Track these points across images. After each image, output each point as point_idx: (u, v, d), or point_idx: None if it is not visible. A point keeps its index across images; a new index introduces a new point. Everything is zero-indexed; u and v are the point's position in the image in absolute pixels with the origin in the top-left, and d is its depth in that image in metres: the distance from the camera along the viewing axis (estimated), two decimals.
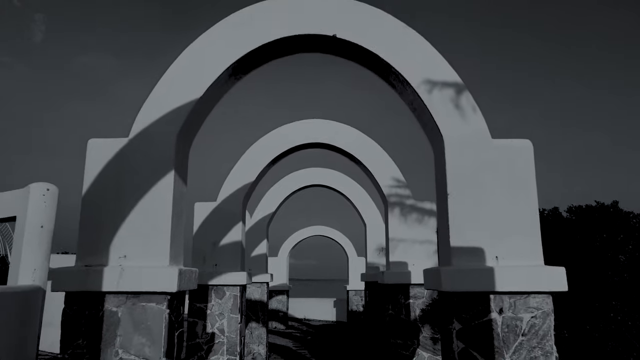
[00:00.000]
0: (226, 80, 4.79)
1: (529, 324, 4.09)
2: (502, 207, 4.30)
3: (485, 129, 4.48)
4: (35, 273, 8.40)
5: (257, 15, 4.68)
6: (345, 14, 4.68)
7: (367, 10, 4.72)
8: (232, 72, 4.77)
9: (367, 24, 4.67)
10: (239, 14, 4.68)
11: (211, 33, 4.64)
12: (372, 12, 4.72)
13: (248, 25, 4.67)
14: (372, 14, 4.71)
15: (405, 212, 8.15)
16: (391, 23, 4.71)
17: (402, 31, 4.66)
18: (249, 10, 4.70)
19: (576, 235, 8.33)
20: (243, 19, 4.68)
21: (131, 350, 4.04)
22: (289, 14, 4.67)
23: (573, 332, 7.50)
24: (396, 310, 7.94)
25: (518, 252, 4.22)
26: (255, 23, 4.67)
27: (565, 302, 7.79)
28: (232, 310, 7.94)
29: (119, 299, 4.11)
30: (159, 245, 4.24)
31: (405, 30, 4.67)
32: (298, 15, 4.66)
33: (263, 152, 8.52)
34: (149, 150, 4.41)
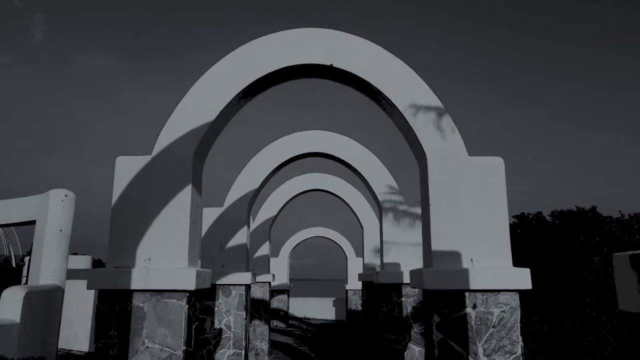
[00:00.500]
0: (237, 103, 5.44)
1: (499, 317, 4.74)
2: (477, 216, 4.95)
3: (462, 148, 5.13)
4: (55, 273, 9.08)
5: (264, 47, 5.34)
6: (341, 46, 5.34)
7: (360, 42, 5.38)
8: (242, 96, 5.42)
9: (360, 55, 5.33)
10: (248, 46, 5.33)
11: (224, 62, 5.29)
12: (364, 44, 5.37)
13: (256, 55, 5.32)
14: (364, 46, 5.36)
15: (398, 217, 8.80)
16: (381, 54, 5.36)
17: (391, 61, 5.32)
18: (258, 42, 5.35)
19: (557, 238, 8.97)
20: (252, 50, 5.33)
21: (156, 340, 4.70)
22: (292, 47, 5.32)
23: (552, 328, 8.14)
24: (389, 308, 8.59)
25: (490, 255, 4.88)
26: (262, 54, 5.32)
27: (545, 299, 8.43)
28: (238, 307, 8.59)
29: (144, 296, 4.76)
30: (178, 249, 4.89)
31: (393, 60, 5.33)
32: (300, 48, 5.31)
33: (266, 162, 9.17)
34: (170, 167, 5.06)
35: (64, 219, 9.21)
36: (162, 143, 5.14)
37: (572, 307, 8.16)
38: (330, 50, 5.32)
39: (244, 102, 5.57)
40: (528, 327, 7.74)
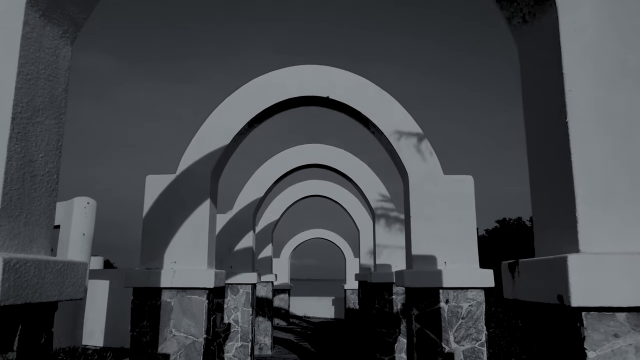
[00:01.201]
0: (247, 128, 6.38)
1: (467, 310, 5.68)
2: (449, 226, 5.89)
3: (438, 168, 6.08)
4: None
5: (272, 80, 6.28)
6: (336, 81, 6.28)
7: (352, 77, 6.32)
8: (252, 122, 6.36)
9: (352, 88, 6.27)
10: (259, 79, 6.28)
11: (234, 97, 6.24)
12: (356, 79, 6.32)
13: (266, 88, 6.27)
14: (356, 80, 6.31)
15: (389, 223, 9.74)
16: (370, 87, 6.31)
17: (379, 94, 6.26)
18: (267, 76, 6.30)
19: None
20: (262, 83, 6.28)
21: (181, 330, 5.64)
22: (294, 81, 6.27)
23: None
24: (381, 305, 9.54)
25: (460, 258, 5.82)
26: (271, 87, 6.27)
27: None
28: (245, 304, 9.53)
29: (171, 293, 5.70)
30: (199, 254, 5.83)
31: (380, 93, 6.28)
32: (300, 82, 6.25)
33: (270, 173, 10.11)
34: (191, 184, 6.00)
35: (86, 224, 10.15)
36: (185, 164, 6.08)
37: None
38: (327, 84, 6.27)
39: (253, 127, 6.51)
40: (494, 317, 8.68)
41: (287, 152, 10.19)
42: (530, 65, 2.49)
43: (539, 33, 2.39)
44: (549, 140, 2.29)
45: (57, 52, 2.49)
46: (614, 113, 2.14)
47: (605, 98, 2.15)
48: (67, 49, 2.58)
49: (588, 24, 2.19)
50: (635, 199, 2.07)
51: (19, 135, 2.20)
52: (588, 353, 1.93)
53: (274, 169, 10.13)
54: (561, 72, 2.18)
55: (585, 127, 2.13)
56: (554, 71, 2.24)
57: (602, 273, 1.93)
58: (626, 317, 1.94)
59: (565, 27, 2.20)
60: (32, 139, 2.29)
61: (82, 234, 10.06)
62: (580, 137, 2.12)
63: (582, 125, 2.13)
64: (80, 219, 10.06)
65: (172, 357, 5.60)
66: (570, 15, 2.21)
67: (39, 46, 2.34)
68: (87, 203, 10.23)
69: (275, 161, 10.16)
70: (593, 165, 2.09)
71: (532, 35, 2.45)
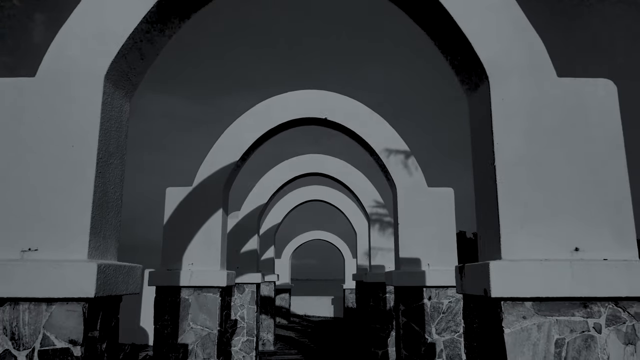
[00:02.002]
0: (254, 148, 7.22)
1: (447, 306, 6.52)
2: (432, 232, 6.73)
3: (423, 181, 6.91)
4: None
5: (273, 105, 7.13)
6: (333, 104, 7.12)
7: (347, 101, 7.17)
8: (259, 141, 7.19)
9: (347, 110, 7.11)
10: (259, 107, 7.12)
11: (240, 121, 7.08)
12: (350, 102, 7.16)
13: (271, 110, 7.11)
14: (350, 103, 7.15)
15: (383, 227, 10.58)
16: (363, 109, 7.15)
17: (370, 115, 7.11)
18: (268, 101, 7.14)
19: None
20: (264, 108, 7.12)
21: (198, 323, 6.47)
22: (295, 104, 7.11)
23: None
24: (376, 303, 10.37)
25: (441, 261, 6.65)
26: (276, 109, 7.11)
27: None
28: (250, 302, 10.37)
29: (189, 291, 6.53)
30: (213, 256, 6.67)
31: (372, 114, 7.12)
32: (301, 105, 7.09)
33: (274, 180, 10.94)
34: (206, 195, 6.83)
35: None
36: (200, 177, 6.92)
37: None
38: (325, 107, 7.11)
39: (259, 145, 7.34)
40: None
41: (289, 161, 11.02)
42: (474, 119, 3.34)
43: (479, 97, 3.23)
44: (484, 176, 3.14)
45: (121, 109, 3.33)
46: (529, 158, 2.98)
47: (523, 148, 2.99)
48: (127, 105, 3.42)
49: (511, 96, 3.04)
50: (542, 222, 2.91)
51: (99, 174, 3.04)
52: (505, 329, 2.77)
53: (277, 177, 10.96)
54: (491, 129, 3.02)
55: (507, 168, 2.97)
56: (487, 127, 3.08)
57: (514, 274, 2.77)
58: (531, 305, 2.78)
59: (495, 97, 3.04)
60: (107, 176, 3.13)
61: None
62: (503, 175, 2.96)
63: (505, 167, 2.97)
64: None
65: (190, 347, 6.44)
66: (499, 89, 3.05)
67: (111, 107, 3.19)
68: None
69: (279, 170, 10.99)
70: (512, 197, 2.94)
71: (475, 98, 3.30)
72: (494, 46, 3.11)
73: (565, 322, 2.77)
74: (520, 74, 3.06)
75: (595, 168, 2.95)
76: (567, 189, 2.93)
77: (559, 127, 3.01)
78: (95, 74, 3.06)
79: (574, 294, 2.75)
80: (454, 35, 3.26)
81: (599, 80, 3.07)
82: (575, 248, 2.89)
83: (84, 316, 2.75)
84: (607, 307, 2.78)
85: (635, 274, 2.77)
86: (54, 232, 2.87)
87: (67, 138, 2.97)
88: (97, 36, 3.10)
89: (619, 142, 2.99)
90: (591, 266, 2.77)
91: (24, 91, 3.01)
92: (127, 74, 3.31)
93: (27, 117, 2.99)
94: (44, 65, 3.06)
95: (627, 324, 2.77)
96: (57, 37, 3.10)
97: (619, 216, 2.91)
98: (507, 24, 3.13)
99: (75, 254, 2.86)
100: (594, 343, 2.75)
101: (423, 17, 3.43)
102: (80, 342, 2.72)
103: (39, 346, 2.72)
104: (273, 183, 10.97)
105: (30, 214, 2.88)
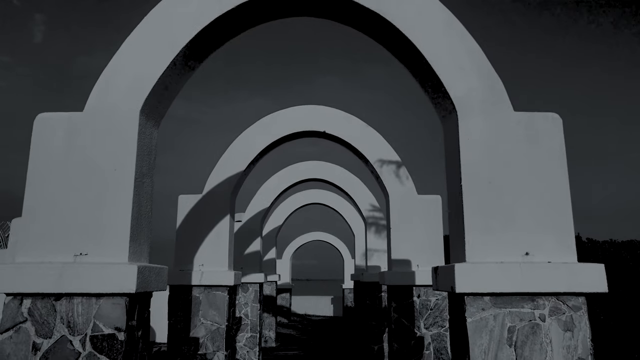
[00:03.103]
0: (259, 157, 7.87)
1: (434, 303, 7.17)
2: (421, 236, 7.37)
3: (413, 189, 7.56)
4: None
5: (275, 120, 7.78)
6: (331, 118, 7.77)
7: (344, 115, 7.82)
8: (263, 152, 7.85)
9: (343, 124, 7.76)
10: (264, 120, 7.77)
11: (246, 134, 7.72)
12: (346, 117, 7.81)
13: (275, 124, 7.76)
14: (346, 118, 7.80)
15: (379, 230, 11.23)
16: (358, 122, 7.80)
17: (364, 129, 7.75)
18: (272, 116, 7.79)
19: None
20: (272, 121, 7.77)
21: (208, 318, 7.12)
22: (296, 118, 7.76)
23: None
24: (372, 301, 11.02)
25: (429, 262, 7.29)
26: (279, 123, 7.76)
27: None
28: (254, 300, 11.01)
29: (200, 289, 7.18)
30: (222, 258, 7.31)
31: (366, 128, 7.77)
32: (302, 119, 7.74)
33: (275, 186, 11.59)
34: (215, 203, 7.48)
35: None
36: (209, 186, 7.57)
37: None
38: (323, 121, 7.76)
39: (263, 156, 8.00)
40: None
41: (291, 167, 11.66)
42: (447, 142, 3.99)
43: (450, 125, 3.88)
44: (454, 192, 3.79)
45: (151, 136, 3.99)
46: (489, 179, 3.63)
47: (484, 170, 3.64)
48: (156, 132, 4.07)
49: (475, 126, 3.69)
50: (499, 232, 3.56)
51: (135, 191, 3.69)
52: (467, 319, 3.41)
53: (280, 182, 11.61)
54: (459, 153, 3.67)
55: (470, 187, 3.62)
56: (456, 151, 3.73)
57: (475, 274, 3.41)
58: (489, 299, 3.43)
59: (462, 127, 3.69)
60: (141, 193, 3.79)
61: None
62: (467, 192, 3.61)
63: (469, 185, 3.62)
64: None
65: (201, 340, 7.09)
66: (465, 120, 3.70)
67: (144, 135, 3.84)
68: None
69: (281, 176, 11.63)
70: (475, 211, 3.58)
71: (448, 124, 3.95)
72: (462, 87, 3.76)
73: (516, 312, 3.42)
74: (482, 109, 3.72)
75: (543, 187, 3.60)
76: (520, 204, 3.58)
77: (514, 152, 3.66)
78: (132, 110, 3.71)
79: (523, 290, 3.40)
80: (430, 76, 3.91)
81: (548, 113, 3.72)
82: (525, 253, 3.54)
83: (126, 308, 3.40)
84: (550, 301, 3.43)
85: (573, 274, 3.42)
86: (100, 239, 3.52)
87: (110, 163, 3.63)
88: (134, 79, 3.76)
89: (563, 166, 3.64)
90: (537, 267, 3.42)
91: (75, 124, 3.66)
92: (157, 107, 3.96)
93: (77, 145, 3.64)
94: (90, 102, 3.71)
95: (566, 314, 3.42)
96: (100, 79, 3.75)
97: (562, 227, 3.56)
98: (473, 70, 3.78)
99: (118, 257, 3.52)
100: (539, 330, 3.40)
101: (407, 61, 4.09)
102: (123, 329, 3.38)
103: (90, 332, 3.37)
104: (275, 188, 11.61)
105: (81, 224, 3.54)
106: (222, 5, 3.88)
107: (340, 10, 4.08)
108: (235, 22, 4.09)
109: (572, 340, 3.39)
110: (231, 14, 3.95)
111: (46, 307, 3.38)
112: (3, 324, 3.37)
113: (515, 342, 3.38)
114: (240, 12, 3.99)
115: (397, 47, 4.06)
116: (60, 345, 3.35)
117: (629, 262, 10.19)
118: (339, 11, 4.10)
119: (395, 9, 3.86)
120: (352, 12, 4.03)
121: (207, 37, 4.02)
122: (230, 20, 4.02)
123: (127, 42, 3.85)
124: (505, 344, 3.38)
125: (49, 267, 3.39)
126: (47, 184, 3.59)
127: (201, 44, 4.04)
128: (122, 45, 3.84)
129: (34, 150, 3.63)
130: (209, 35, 4.02)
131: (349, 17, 4.14)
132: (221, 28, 4.05)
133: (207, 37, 4.02)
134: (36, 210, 3.55)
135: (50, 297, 3.39)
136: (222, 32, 4.11)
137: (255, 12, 4.06)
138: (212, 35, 4.05)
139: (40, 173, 3.61)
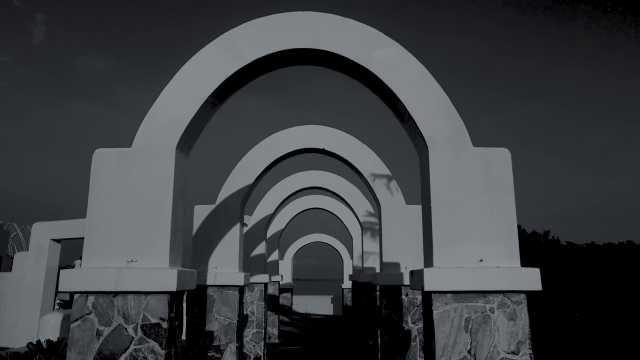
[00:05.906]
0: (266, 171, 8.85)
1: (420, 300, 8.13)
2: (409, 241, 8.34)
3: (402, 200, 8.53)
4: None
5: (280, 139, 8.75)
6: (329, 137, 8.74)
7: (340, 134, 8.79)
8: (270, 166, 8.82)
9: (340, 142, 8.73)
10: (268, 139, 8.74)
11: (253, 152, 8.69)
12: (342, 135, 8.78)
13: (280, 142, 8.73)
14: (342, 136, 8.77)
15: (374, 234, 12.20)
16: (353, 141, 8.77)
17: (360, 146, 8.73)
18: (277, 135, 8.76)
19: None
20: (272, 141, 8.74)
21: (221, 314, 8.09)
22: (297, 137, 8.73)
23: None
24: (367, 299, 11.99)
25: (416, 264, 8.26)
26: (284, 140, 8.73)
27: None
28: (259, 299, 11.99)
29: (214, 289, 8.15)
30: (233, 261, 8.28)
31: (361, 145, 8.74)
32: (302, 138, 8.71)
33: (278, 194, 12.57)
34: (226, 212, 8.45)
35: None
36: (221, 197, 8.54)
37: None
38: (323, 139, 8.73)
39: (269, 170, 8.97)
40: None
41: (293, 176, 12.64)
42: (422, 170, 4.96)
43: (423, 156, 4.86)
44: (426, 211, 4.75)
45: (184, 165, 4.96)
46: (451, 201, 4.59)
47: (448, 194, 4.60)
48: (186, 162, 5.05)
49: (442, 159, 4.66)
50: (459, 243, 4.52)
51: (173, 209, 4.66)
52: (434, 311, 4.38)
53: (282, 190, 12.58)
54: (429, 181, 4.64)
55: (437, 207, 4.58)
56: (427, 179, 4.70)
57: (439, 276, 4.38)
58: (450, 295, 4.40)
59: (431, 160, 4.66)
60: (177, 212, 4.76)
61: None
62: (435, 211, 4.58)
63: (436, 206, 4.59)
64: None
65: (215, 333, 8.07)
66: (434, 155, 4.67)
67: (179, 165, 4.81)
68: None
69: (283, 184, 12.61)
70: (440, 226, 4.54)
71: (421, 156, 4.92)
72: (431, 127, 4.73)
73: (472, 306, 4.38)
74: (447, 145, 4.69)
75: (495, 207, 4.57)
76: (476, 221, 4.55)
77: (472, 180, 4.63)
78: (169, 146, 4.69)
79: (477, 288, 4.36)
80: (407, 117, 4.88)
81: (499, 149, 4.69)
82: (480, 259, 4.51)
83: (168, 303, 4.37)
84: (498, 297, 4.40)
85: (516, 276, 4.38)
86: (147, 249, 4.50)
87: (153, 189, 4.60)
88: (170, 121, 4.73)
89: (510, 191, 4.61)
90: (488, 271, 4.39)
91: (124, 157, 4.64)
92: (188, 141, 4.94)
93: (127, 175, 4.61)
94: (137, 139, 4.69)
95: (510, 307, 4.39)
96: (144, 121, 4.73)
97: (509, 239, 4.53)
98: (440, 112, 4.76)
99: (161, 263, 4.49)
100: (489, 319, 4.36)
101: (389, 104, 5.06)
102: (166, 319, 4.35)
103: (141, 322, 4.34)
104: (279, 195, 12.59)
105: (132, 237, 4.51)
106: (240, 61, 4.86)
107: (335, 62, 5.05)
108: (250, 73, 5.06)
109: (515, 328, 4.36)
110: (247, 68, 4.92)
111: (106, 302, 4.36)
112: (73, 315, 4.34)
113: (471, 329, 4.35)
114: (254, 66, 4.96)
115: (381, 93, 5.03)
116: (117, 331, 4.32)
117: (602, 264, 11.15)
118: (334, 63, 5.08)
119: (378, 64, 4.83)
120: (345, 64, 5.00)
121: (229, 85, 4.99)
122: (247, 72, 5.00)
123: (165, 90, 4.82)
124: (463, 330, 4.34)
125: (108, 271, 4.36)
126: (104, 205, 4.56)
127: (224, 90, 5.01)
128: (161, 93, 4.81)
129: (94, 179, 4.61)
130: (230, 84, 5.00)
131: (342, 68, 5.12)
132: (239, 78, 5.02)
133: (229, 85, 4.99)
134: (96, 227, 4.52)
135: (109, 294, 4.36)
136: (240, 80, 5.09)
137: (266, 64, 5.04)
138: (232, 84, 5.02)
139: (98, 197, 4.58)
